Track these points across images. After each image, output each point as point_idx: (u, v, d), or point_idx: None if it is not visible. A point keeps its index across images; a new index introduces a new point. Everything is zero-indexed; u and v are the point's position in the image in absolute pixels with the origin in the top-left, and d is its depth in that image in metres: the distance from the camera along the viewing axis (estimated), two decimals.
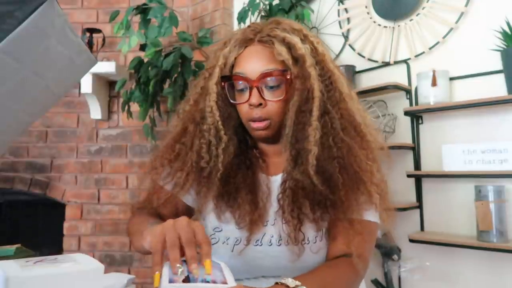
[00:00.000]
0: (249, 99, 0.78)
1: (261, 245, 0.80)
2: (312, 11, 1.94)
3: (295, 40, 0.77)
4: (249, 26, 0.84)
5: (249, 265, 0.81)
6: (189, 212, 0.89)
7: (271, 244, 0.80)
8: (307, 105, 0.75)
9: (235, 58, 0.81)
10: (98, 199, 2.37)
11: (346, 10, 1.97)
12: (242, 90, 0.80)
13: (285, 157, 0.79)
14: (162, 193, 0.86)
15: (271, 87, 0.78)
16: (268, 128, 0.79)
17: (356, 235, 0.75)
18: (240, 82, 0.79)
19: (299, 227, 0.77)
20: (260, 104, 0.78)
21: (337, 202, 0.75)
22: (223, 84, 0.81)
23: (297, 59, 0.77)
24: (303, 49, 0.76)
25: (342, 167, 0.74)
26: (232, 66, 0.82)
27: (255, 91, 0.77)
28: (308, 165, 0.74)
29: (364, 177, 0.75)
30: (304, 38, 0.79)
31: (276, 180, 0.83)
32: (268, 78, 0.77)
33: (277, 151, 0.85)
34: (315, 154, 0.73)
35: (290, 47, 0.77)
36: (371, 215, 0.79)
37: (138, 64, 1.97)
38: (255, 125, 0.79)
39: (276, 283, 0.64)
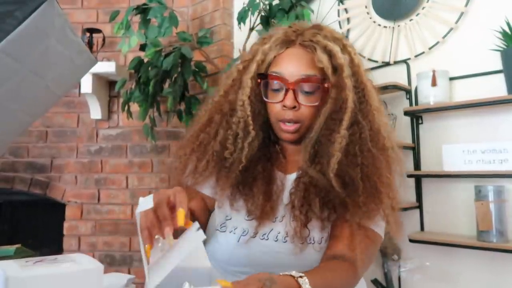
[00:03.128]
0: (283, 100, 0.79)
1: (267, 239, 0.81)
2: (312, 11, 1.93)
3: (336, 49, 0.78)
4: (290, 27, 0.85)
5: (251, 257, 0.81)
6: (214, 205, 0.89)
7: (277, 240, 0.80)
8: (339, 114, 0.77)
9: (274, 57, 0.82)
10: (98, 199, 2.37)
11: (346, 10, 1.97)
12: (276, 90, 0.81)
13: (303, 155, 0.80)
14: (188, 191, 0.85)
15: (307, 92, 0.79)
16: (297, 132, 0.81)
17: (362, 240, 0.76)
18: (276, 81, 0.80)
19: (305, 223, 0.78)
20: (294, 107, 0.79)
21: (349, 205, 0.75)
22: (258, 80, 0.82)
23: (336, 68, 0.78)
24: (342, 59, 0.77)
25: (364, 175, 0.75)
26: (269, 64, 0.82)
27: (290, 93, 0.78)
28: (328, 168, 0.75)
29: (382, 188, 0.75)
30: (343, 48, 0.80)
31: (291, 178, 0.85)
32: (306, 84, 0.78)
33: (297, 150, 0.86)
34: (338, 159, 0.74)
35: (331, 55, 0.78)
36: (378, 227, 0.80)
37: (138, 64, 1.97)
38: (285, 127, 0.81)
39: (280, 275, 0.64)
